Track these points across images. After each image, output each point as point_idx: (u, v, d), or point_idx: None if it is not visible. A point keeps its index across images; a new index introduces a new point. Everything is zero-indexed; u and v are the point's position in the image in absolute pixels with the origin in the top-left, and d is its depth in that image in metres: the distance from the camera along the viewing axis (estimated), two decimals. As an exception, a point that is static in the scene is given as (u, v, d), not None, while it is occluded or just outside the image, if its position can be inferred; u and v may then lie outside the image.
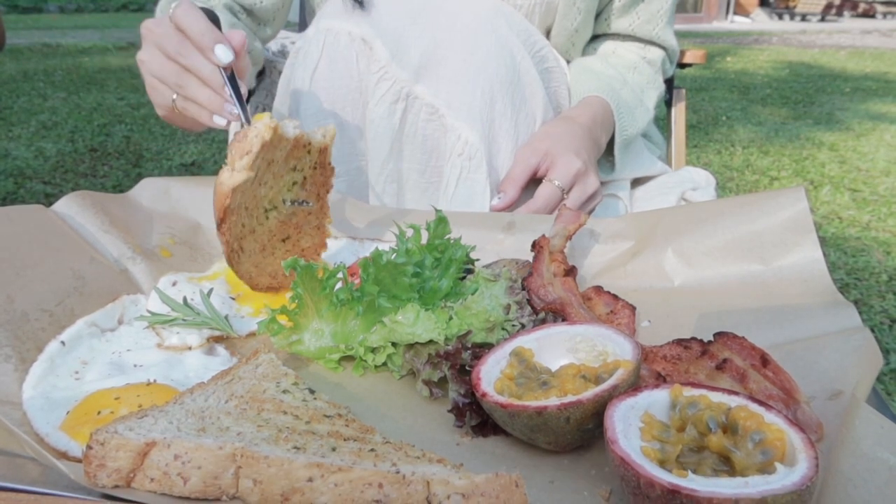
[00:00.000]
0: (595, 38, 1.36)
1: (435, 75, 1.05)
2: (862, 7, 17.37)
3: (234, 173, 0.73)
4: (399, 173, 1.11)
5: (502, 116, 1.08)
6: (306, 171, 0.85)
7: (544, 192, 1.05)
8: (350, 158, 1.14)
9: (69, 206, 0.88)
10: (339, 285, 0.73)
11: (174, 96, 0.90)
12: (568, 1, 1.21)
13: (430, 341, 0.69)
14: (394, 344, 0.72)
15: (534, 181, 1.09)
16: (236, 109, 0.87)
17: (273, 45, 1.52)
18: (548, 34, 1.26)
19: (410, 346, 0.71)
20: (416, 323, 0.70)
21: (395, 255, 0.73)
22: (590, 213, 1.14)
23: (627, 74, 1.30)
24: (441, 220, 0.78)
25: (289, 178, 0.84)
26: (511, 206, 1.06)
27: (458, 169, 1.07)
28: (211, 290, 0.81)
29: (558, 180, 1.05)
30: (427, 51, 1.05)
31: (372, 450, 0.53)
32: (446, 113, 1.05)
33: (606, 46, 1.35)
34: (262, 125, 0.74)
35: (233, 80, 0.87)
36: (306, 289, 0.72)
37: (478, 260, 0.85)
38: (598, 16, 1.30)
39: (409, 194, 1.11)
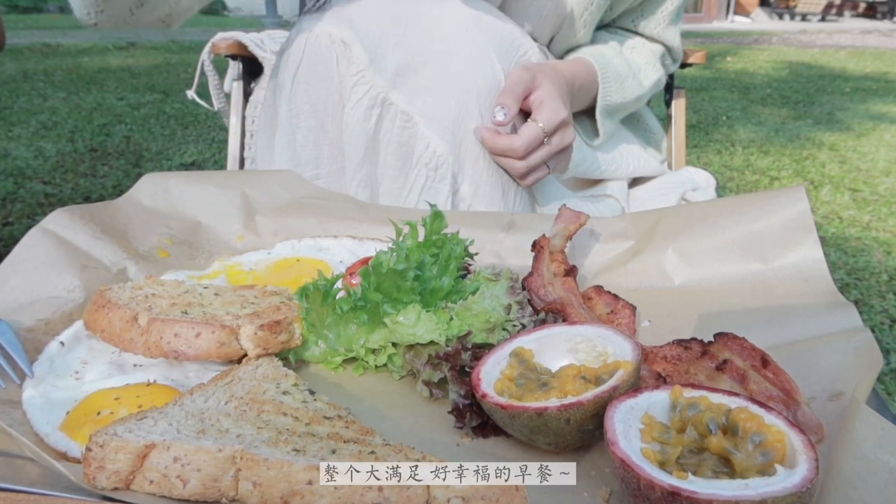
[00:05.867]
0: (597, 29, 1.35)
1: (412, 83, 1.04)
2: (862, 7, 17.38)
3: None
4: (373, 178, 1.10)
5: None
6: None
7: (528, 131, 1.03)
8: (331, 160, 1.13)
9: (56, 223, 0.85)
10: (340, 294, 0.73)
11: None
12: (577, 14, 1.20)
13: (431, 342, 0.69)
14: (394, 344, 0.72)
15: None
16: None
17: (273, 46, 1.52)
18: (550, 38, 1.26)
19: (411, 346, 0.71)
20: (417, 324, 0.70)
21: (394, 256, 0.72)
22: (558, 168, 1.12)
23: (625, 51, 1.28)
24: (436, 216, 0.77)
25: None
26: (510, 122, 1.03)
27: (424, 178, 1.06)
28: (211, 291, 0.80)
29: (543, 123, 1.04)
30: (405, 58, 1.04)
31: (372, 452, 0.53)
32: (419, 121, 1.04)
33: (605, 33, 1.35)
34: None
35: None
36: (313, 306, 0.72)
37: (476, 254, 0.85)
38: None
39: (382, 199, 1.10)
